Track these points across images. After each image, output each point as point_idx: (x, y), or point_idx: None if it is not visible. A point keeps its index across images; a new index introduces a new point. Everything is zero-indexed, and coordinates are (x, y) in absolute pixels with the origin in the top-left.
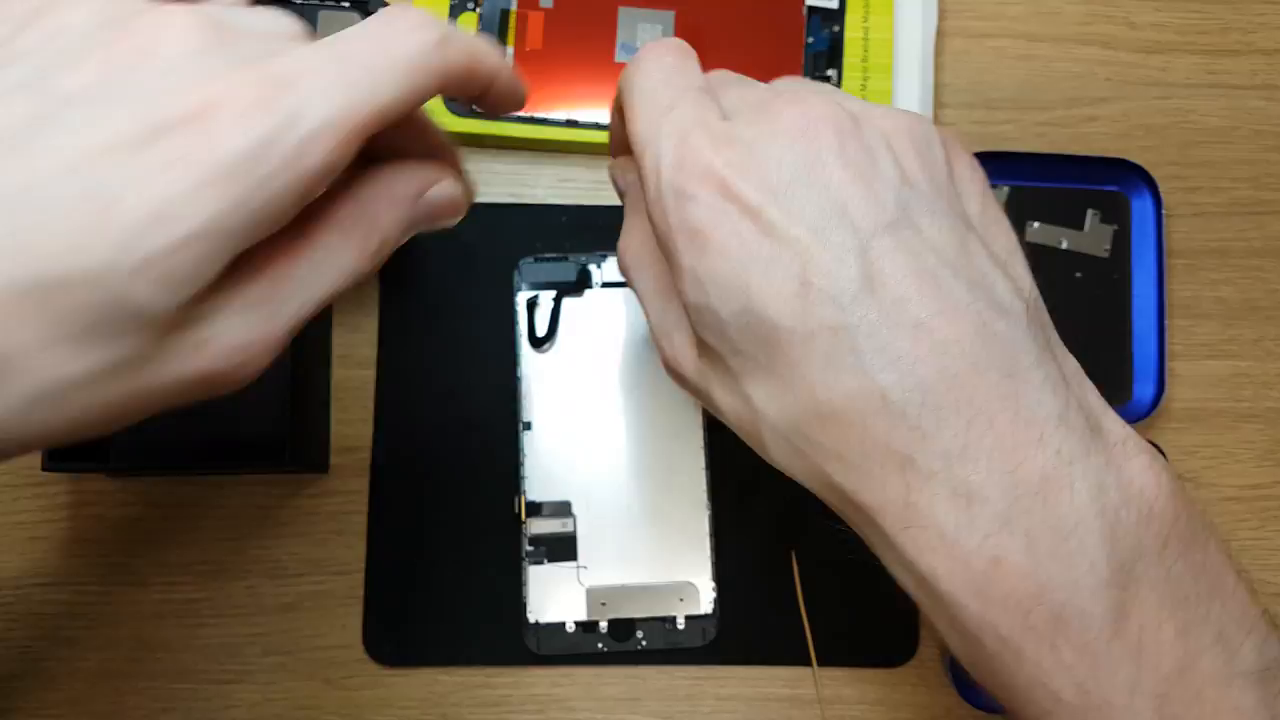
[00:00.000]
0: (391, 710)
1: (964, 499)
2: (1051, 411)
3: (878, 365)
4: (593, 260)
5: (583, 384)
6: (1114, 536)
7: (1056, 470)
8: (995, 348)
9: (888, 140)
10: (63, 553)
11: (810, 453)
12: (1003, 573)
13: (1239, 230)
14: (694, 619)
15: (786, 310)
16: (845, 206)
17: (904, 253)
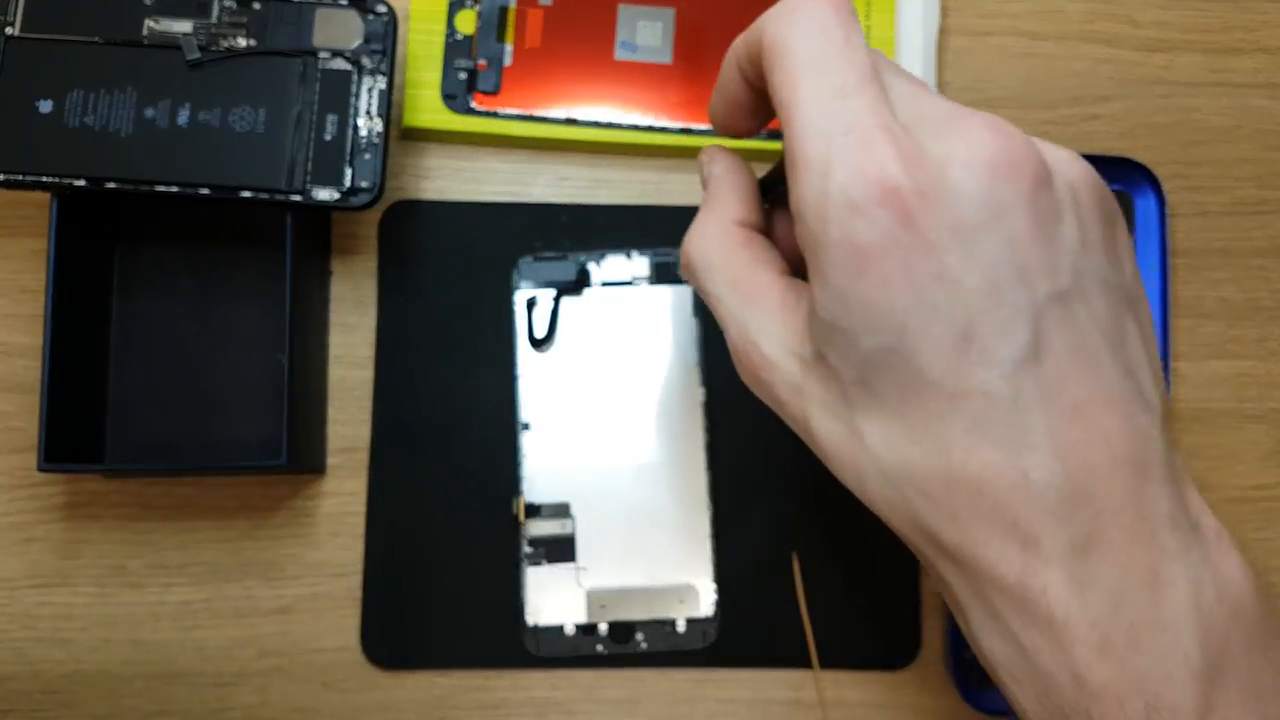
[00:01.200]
0: (389, 713)
1: (1080, 584)
2: (1165, 510)
3: (1027, 443)
4: (592, 259)
5: (582, 384)
6: (1206, 631)
7: (1163, 566)
8: (1135, 443)
9: (1075, 195)
10: (58, 554)
11: (919, 504)
12: (1104, 660)
13: (1243, 230)
14: (694, 621)
15: (941, 362)
16: (1025, 265)
17: (1073, 328)
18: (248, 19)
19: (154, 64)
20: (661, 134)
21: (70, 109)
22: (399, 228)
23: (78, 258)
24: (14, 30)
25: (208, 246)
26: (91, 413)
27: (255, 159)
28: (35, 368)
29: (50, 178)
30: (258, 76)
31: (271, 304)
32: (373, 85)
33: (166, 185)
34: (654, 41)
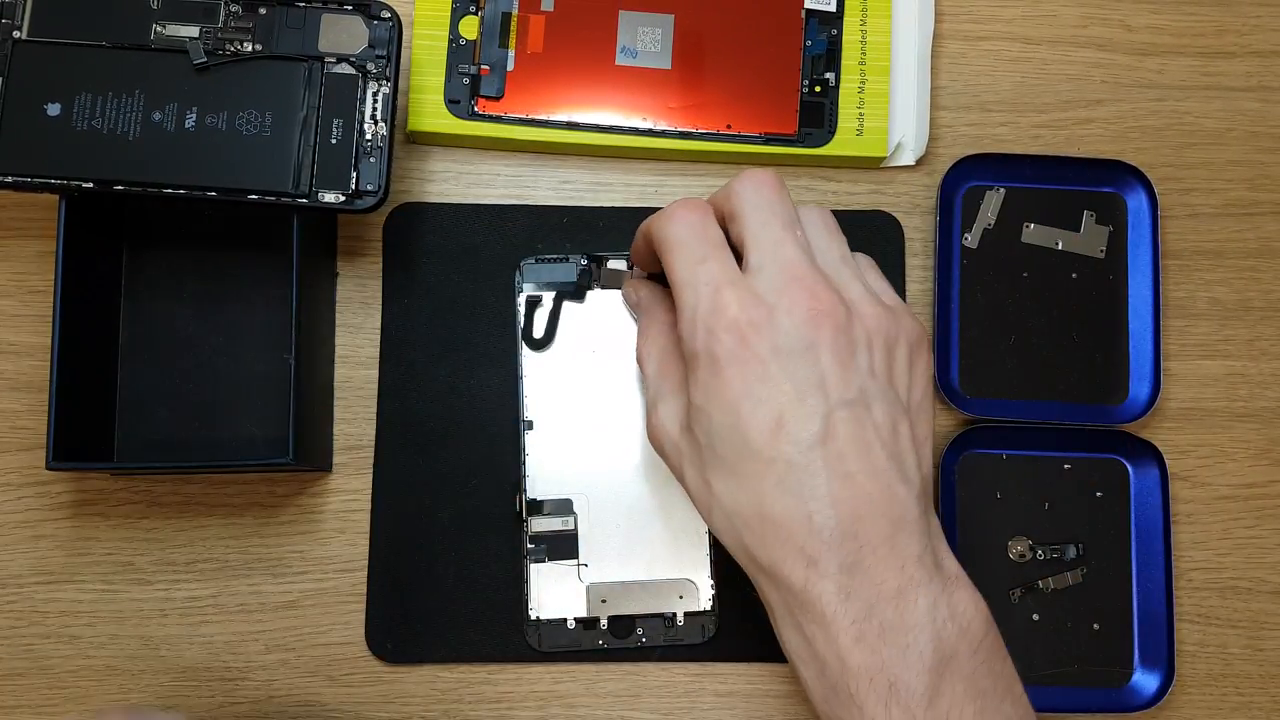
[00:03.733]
0: (393, 707)
1: (844, 594)
2: (914, 552)
3: (813, 496)
4: (594, 261)
5: (584, 383)
6: (938, 638)
7: (907, 589)
8: (893, 503)
9: (869, 337)
10: (66, 551)
11: (744, 534)
12: (860, 647)
13: (1234, 231)
14: (693, 615)
15: (761, 438)
16: (824, 380)
17: (854, 423)
18: (254, 24)
19: (161, 68)
20: (661, 138)
21: (78, 112)
22: (404, 230)
23: (85, 259)
24: (22, 34)
25: (215, 248)
26: (99, 412)
27: (262, 162)
28: (43, 367)
29: (58, 180)
30: (264, 81)
31: (278, 305)
32: (377, 90)
33: (174, 188)
34: (654, 47)
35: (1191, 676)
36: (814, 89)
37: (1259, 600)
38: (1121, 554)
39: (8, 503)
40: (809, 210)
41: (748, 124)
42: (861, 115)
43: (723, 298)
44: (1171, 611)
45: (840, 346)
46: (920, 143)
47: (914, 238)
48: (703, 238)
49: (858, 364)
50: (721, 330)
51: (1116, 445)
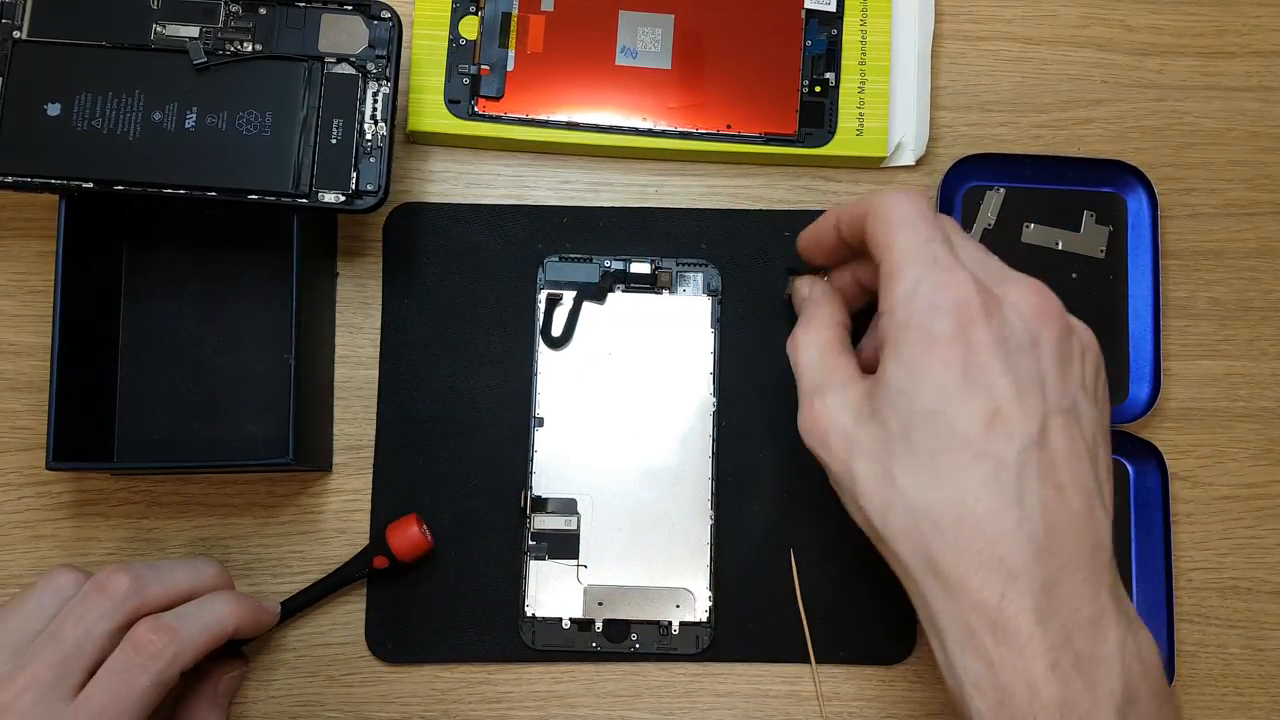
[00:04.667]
0: (394, 706)
1: (1042, 616)
2: (1107, 582)
3: (1022, 501)
4: (617, 263)
5: (597, 385)
6: (1126, 677)
7: (1102, 619)
8: (1094, 526)
9: (1083, 350)
10: (66, 551)
11: (931, 537)
12: (1052, 676)
13: (1234, 231)
14: (689, 625)
15: (973, 430)
16: (1045, 382)
17: (1068, 434)
18: (254, 24)
19: (161, 68)
20: (661, 138)
21: (78, 112)
22: (404, 230)
23: (86, 259)
24: (22, 34)
25: (215, 248)
26: (100, 412)
27: (262, 162)
28: (44, 367)
29: (58, 180)
30: (264, 81)
31: (278, 305)
32: (378, 90)
33: (174, 188)
34: (654, 47)
35: (1191, 676)
36: (814, 89)
37: (1259, 600)
38: (1121, 554)
39: (8, 503)
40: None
41: (748, 124)
42: (861, 115)
43: (955, 277)
44: (1171, 611)
45: (1062, 352)
46: (920, 143)
47: None
48: (932, 222)
49: (1073, 373)
50: (947, 306)
51: (1117, 445)
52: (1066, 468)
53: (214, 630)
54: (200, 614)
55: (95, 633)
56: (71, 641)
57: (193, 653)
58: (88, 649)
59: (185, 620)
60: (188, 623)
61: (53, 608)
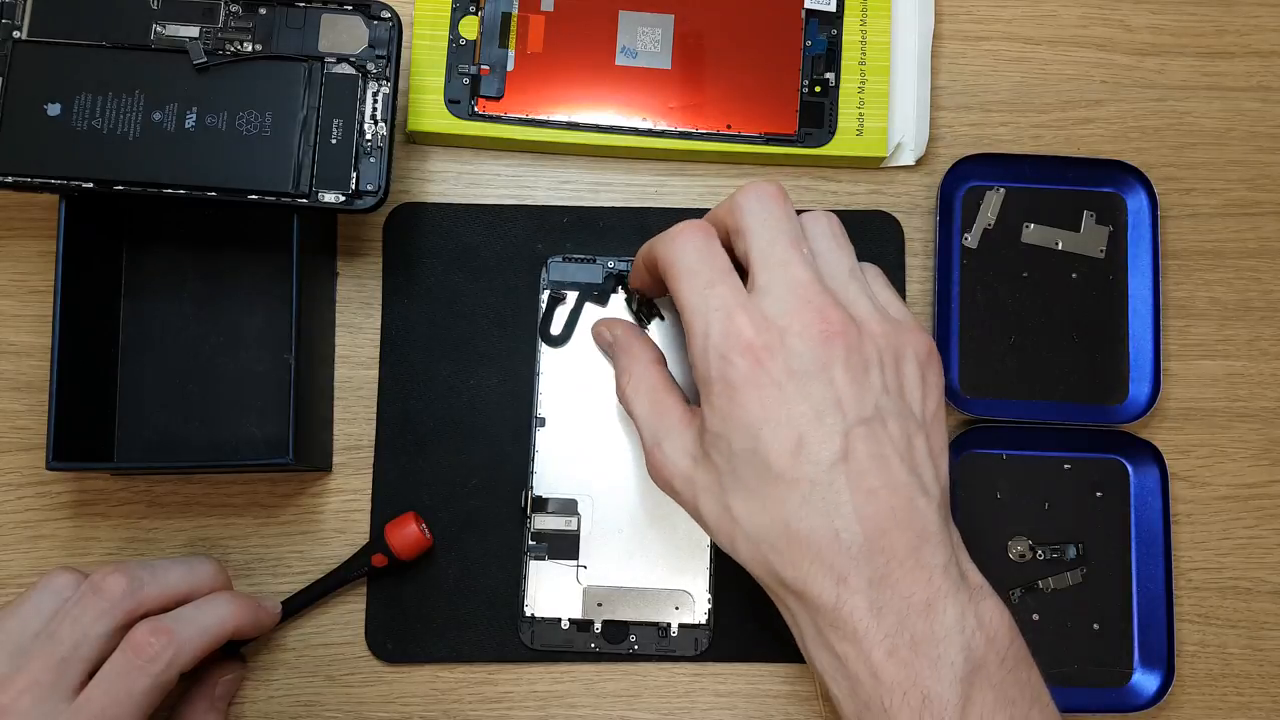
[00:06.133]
0: (394, 706)
1: (876, 609)
2: (938, 563)
3: (838, 513)
4: (621, 265)
5: (600, 386)
6: (968, 648)
7: (935, 600)
8: (914, 516)
9: (880, 354)
10: (66, 551)
11: (771, 556)
12: (892, 661)
13: (1234, 231)
14: (688, 628)
15: (783, 459)
16: (840, 399)
17: (872, 440)
18: (254, 24)
19: (161, 68)
20: (661, 138)
21: (78, 112)
22: (404, 230)
23: (86, 259)
24: (21, 34)
25: (215, 248)
26: (100, 412)
27: (262, 162)
28: (43, 367)
29: (58, 180)
30: (264, 81)
31: (278, 305)
32: (378, 90)
33: (174, 188)
34: (654, 47)
35: (1191, 676)
36: (814, 89)
37: (1259, 600)
38: (1121, 554)
39: (8, 503)
40: (815, 219)
41: (748, 124)
42: (861, 115)
43: (735, 323)
44: (1171, 611)
45: (853, 365)
46: (920, 143)
47: (914, 238)
48: (709, 262)
49: (871, 381)
50: (736, 355)
51: (1116, 445)
52: (874, 472)
53: (213, 632)
54: (199, 616)
55: (92, 634)
56: (69, 643)
57: (191, 655)
58: (85, 650)
59: (184, 622)
60: (186, 625)
61: (51, 609)
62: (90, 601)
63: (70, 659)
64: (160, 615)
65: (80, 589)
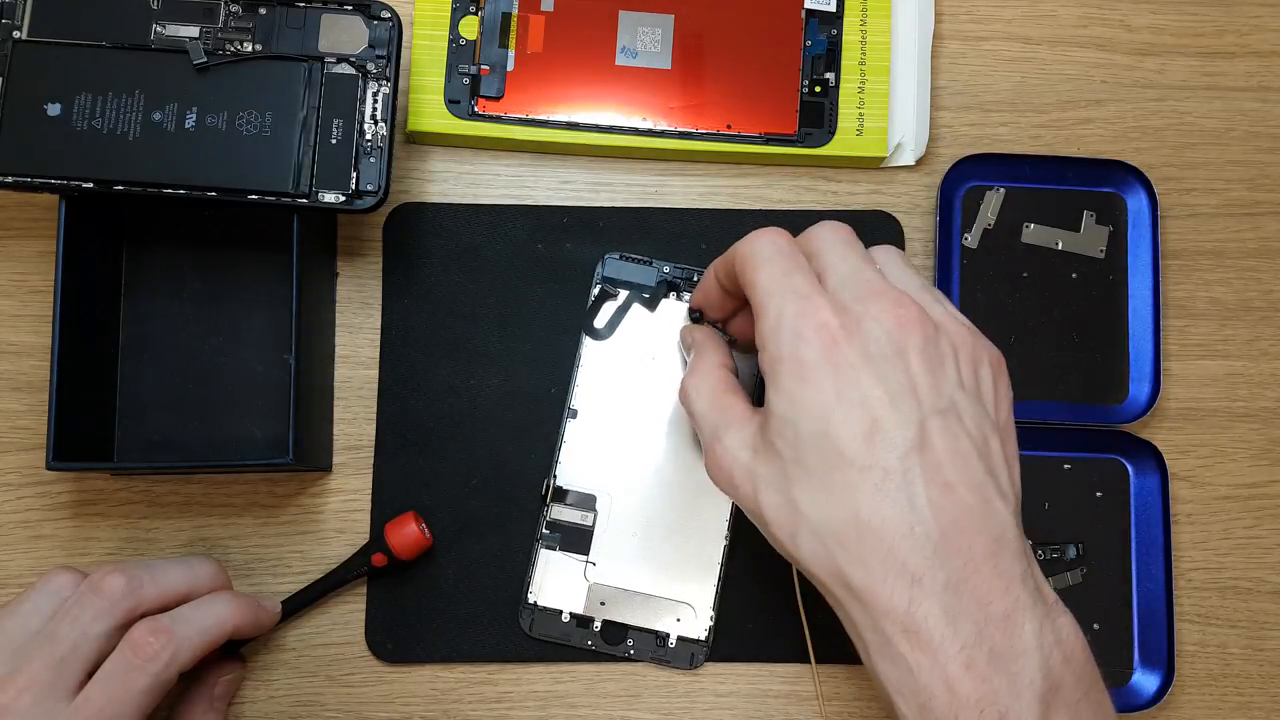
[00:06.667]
0: (394, 706)
1: (952, 616)
2: (1017, 572)
3: (913, 505)
4: (676, 272)
5: (636, 387)
6: (1046, 666)
7: (1015, 612)
8: (992, 519)
9: (955, 351)
10: (66, 551)
11: (838, 553)
12: (969, 675)
13: (1234, 231)
14: (686, 641)
15: (855, 444)
16: (916, 387)
17: (948, 434)
18: (253, 24)
19: (161, 68)
20: (661, 138)
21: (78, 112)
22: (404, 230)
23: (86, 259)
24: (22, 34)
25: (215, 248)
26: (100, 412)
27: (262, 162)
28: (43, 367)
29: (58, 180)
30: (264, 81)
31: (278, 305)
32: (378, 90)
33: (174, 188)
34: (654, 47)
35: (1191, 676)
36: (814, 89)
37: (1259, 600)
38: (1121, 554)
39: (8, 503)
40: (881, 249)
41: (748, 124)
42: (861, 115)
43: (811, 303)
44: (1171, 611)
45: (929, 355)
46: (920, 143)
47: (914, 238)
48: (789, 256)
49: (947, 374)
50: (810, 333)
51: (1116, 445)
52: (952, 465)
53: (212, 632)
54: (198, 616)
55: (91, 633)
56: (68, 642)
57: (190, 654)
58: (84, 649)
59: (183, 622)
60: (186, 625)
61: (50, 609)
62: (90, 601)
63: (69, 658)
64: (160, 615)
65: (80, 589)
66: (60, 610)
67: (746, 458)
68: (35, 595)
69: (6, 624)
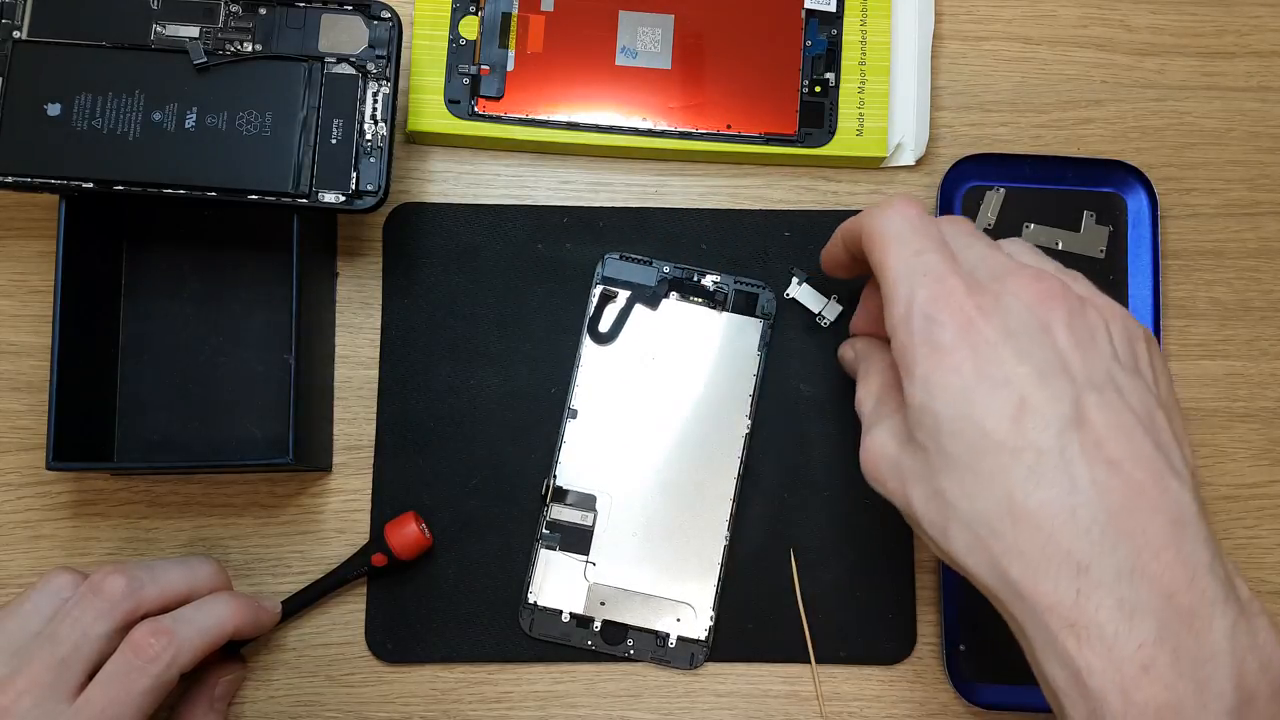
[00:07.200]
0: (394, 706)
1: (1128, 610)
2: (1203, 560)
3: (1074, 486)
4: (676, 272)
5: (636, 387)
6: (1240, 674)
7: (1200, 607)
8: (1169, 498)
9: (1106, 324)
10: (66, 551)
11: (993, 545)
12: (1149, 679)
13: (1234, 231)
14: (686, 641)
15: (1002, 425)
16: (1067, 363)
17: (1108, 408)
18: (253, 24)
19: (161, 68)
20: (661, 138)
21: (78, 112)
22: (404, 230)
23: (86, 259)
24: (21, 34)
25: (215, 248)
26: (100, 412)
27: (262, 162)
28: (43, 367)
29: (58, 180)
30: (264, 81)
31: (278, 305)
32: (378, 90)
33: (174, 188)
34: (654, 47)
35: None
36: (814, 89)
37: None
38: None
39: (8, 503)
40: (1008, 240)
41: (748, 124)
42: (861, 115)
43: (945, 285)
44: None
45: (1077, 329)
46: (920, 143)
47: None
48: (922, 231)
49: (1099, 347)
50: (944, 315)
51: None
52: (1115, 442)
53: (213, 633)
54: (199, 616)
55: (92, 634)
56: (69, 643)
57: (191, 655)
58: (85, 650)
59: (184, 623)
60: (186, 625)
61: (50, 610)
62: (90, 602)
63: (70, 660)
64: (160, 616)
65: (80, 589)
66: (60, 611)
67: (894, 449)
68: (35, 596)
69: (6, 625)
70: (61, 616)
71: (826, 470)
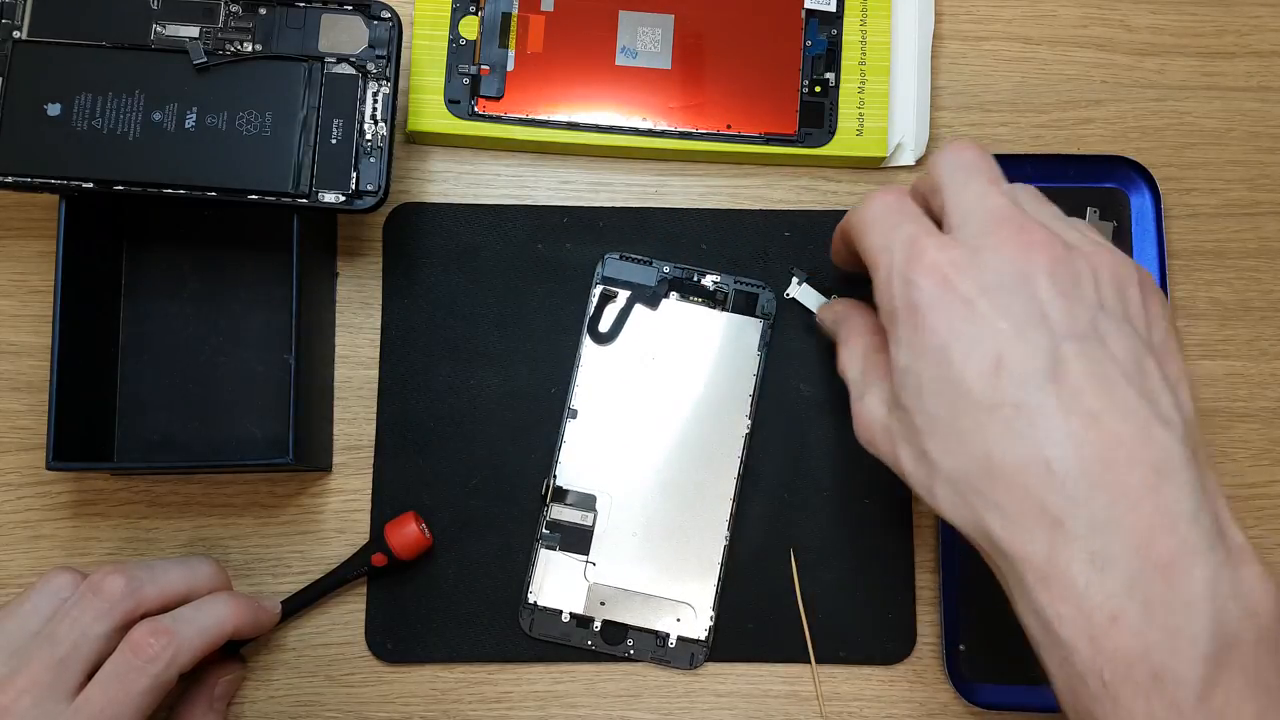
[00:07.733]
0: (394, 706)
1: (1099, 562)
2: (1186, 509)
3: (1050, 440)
4: (676, 272)
5: (635, 386)
6: (1218, 620)
7: (1178, 557)
8: (1149, 447)
9: (1095, 272)
10: (66, 551)
11: (974, 502)
12: (1117, 628)
13: (1234, 231)
14: (686, 641)
15: (979, 382)
16: (1046, 314)
17: (1088, 360)
18: (253, 24)
19: (161, 68)
20: (661, 138)
21: (78, 112)
22: (404, 230)
23: (86, 259)
24: (22, 34)
25: (215, 248)
26: (100, 412)
27: (262, 162)
28: (43, 367)
29: (58, 180)
30: (264, 81)
31: (278, 305)
32: (378, 90)
33: (174, 188)
34: (654, 47)
35: None
36: (814, 89)
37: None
38: None
39: (8, 503)
40: (1020, 185)
41: (748, 124)
42: (861, 115)
43: (919, 245)
44: None
45: (1060, 277)
46: (920, 143)
47: None
48: (898, 209)
49: (1083, 295)
50: (920, 276)
51: None
52: (1095, 393)
53: (212, 633)
54: (199, 616)
55: (91, 634)
56: (68, 643)
57: (191, 655)
58: (84, 650)
59: (183, 623)
60: (186, 625)
61: (49, 610)
62: (89, 602)
63: (69, 659)
64: (160, 615)
65: (79, 589)
66: (60, 611)
67: (882, 413)
68: (35, 596)
69: (6, 625)
70: (61, 616)
71: (826, 470)
